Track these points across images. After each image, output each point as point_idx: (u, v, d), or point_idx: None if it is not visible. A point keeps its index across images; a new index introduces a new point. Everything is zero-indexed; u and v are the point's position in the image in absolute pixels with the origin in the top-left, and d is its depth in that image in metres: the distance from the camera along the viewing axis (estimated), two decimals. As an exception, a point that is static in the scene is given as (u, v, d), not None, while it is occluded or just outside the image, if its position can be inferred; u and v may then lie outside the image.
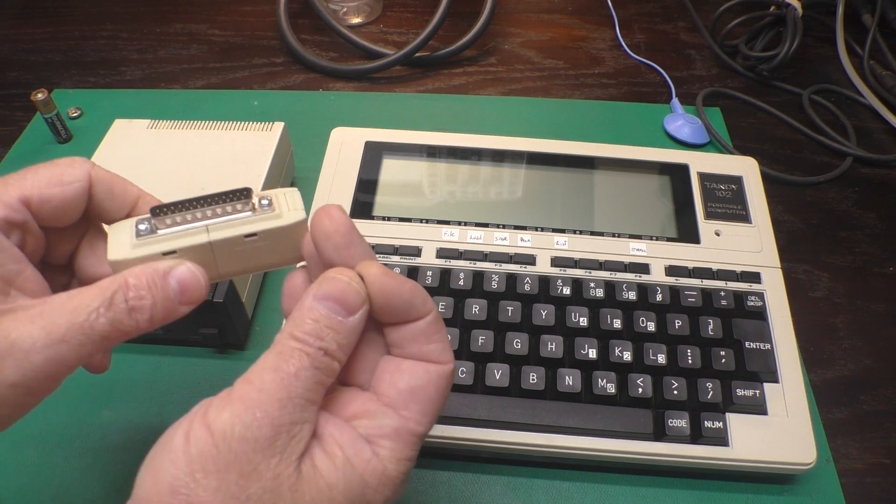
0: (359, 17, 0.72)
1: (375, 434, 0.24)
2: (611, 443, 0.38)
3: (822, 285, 0.50)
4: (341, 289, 0.24)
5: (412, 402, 0.25)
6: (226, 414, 0.22)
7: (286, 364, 0.23)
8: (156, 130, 0.50)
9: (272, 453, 0.21)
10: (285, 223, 0.26)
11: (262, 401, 0.22)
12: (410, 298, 0.25)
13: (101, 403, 0.42)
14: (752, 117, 0.62)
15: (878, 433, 0.42)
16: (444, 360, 0.25)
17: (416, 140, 0.50)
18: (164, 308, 0.25)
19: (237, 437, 0.21)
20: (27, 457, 0.40)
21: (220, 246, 0.26)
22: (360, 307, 0.24)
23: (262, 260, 0.27)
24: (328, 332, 0.24)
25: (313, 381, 0.23)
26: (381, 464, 0.23)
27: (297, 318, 0.24)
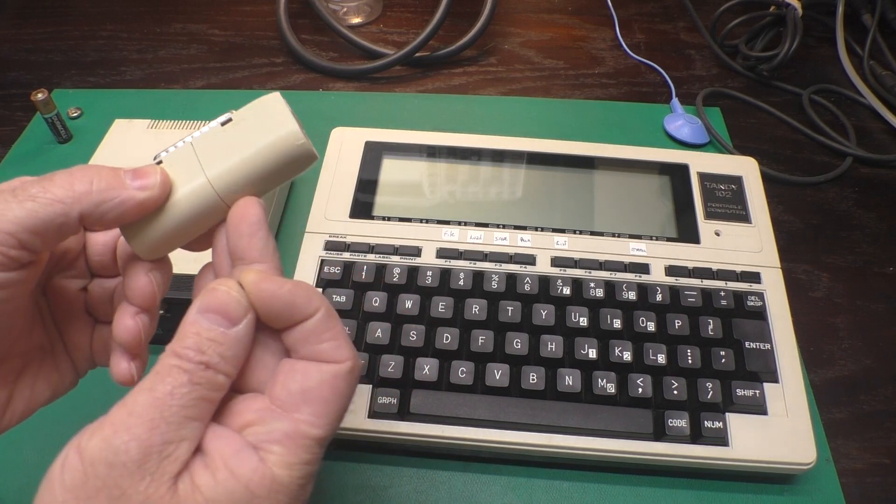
0: (359, 17, 0.72)
1: (265, 440, 0.23)
2: (611, 443, 0.38)
3: (822, 285, 0.50)
4: (222, 300, 0.24)
5: (304, 404, 0.23)
6: (95, 439, 0.21)
7: (161, 383, 0.22)
8: (156, 130, 0.50)
9: (141, 476, 0.21)
10: (258, 99, 0.26)
11: (130, 423, 0.21)
12: (291, 300, 0.24)
13: (101, 403, 0.42)
14: (752, 117, 0.62)
15: (878, 433, 0.42)
16: (339, 358, 0.24)
17: (416, 140, 0.50)
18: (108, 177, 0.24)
19: (104, 463, 0.21)
20: (27, 457, 0.40)
21: (200, 143, 0.26)
22: (243, 316, 0.24)
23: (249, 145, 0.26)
24: (210, 345, 0.23)
25: (192, 398, 0.22)
26: (268, 470, 0.22)
27: (179, 333, 0.23)
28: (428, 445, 0.39)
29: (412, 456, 0.40)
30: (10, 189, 0.24)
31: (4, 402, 0.28)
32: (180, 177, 0.26)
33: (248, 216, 0.25)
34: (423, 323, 0.41)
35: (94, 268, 0.30)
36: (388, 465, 0.40)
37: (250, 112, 0.26)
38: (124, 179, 0.25)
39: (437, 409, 0.38)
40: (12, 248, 0.23)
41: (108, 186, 0.24)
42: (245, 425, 0.24)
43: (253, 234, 0.25)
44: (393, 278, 0.42)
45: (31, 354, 0.29)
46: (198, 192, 0.26)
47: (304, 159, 0.26)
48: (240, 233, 0.25)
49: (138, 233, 0.26)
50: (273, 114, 0.26)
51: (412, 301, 0.41)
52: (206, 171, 0.26)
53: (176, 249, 0.28)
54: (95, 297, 0.30)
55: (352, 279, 0.42)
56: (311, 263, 0.43)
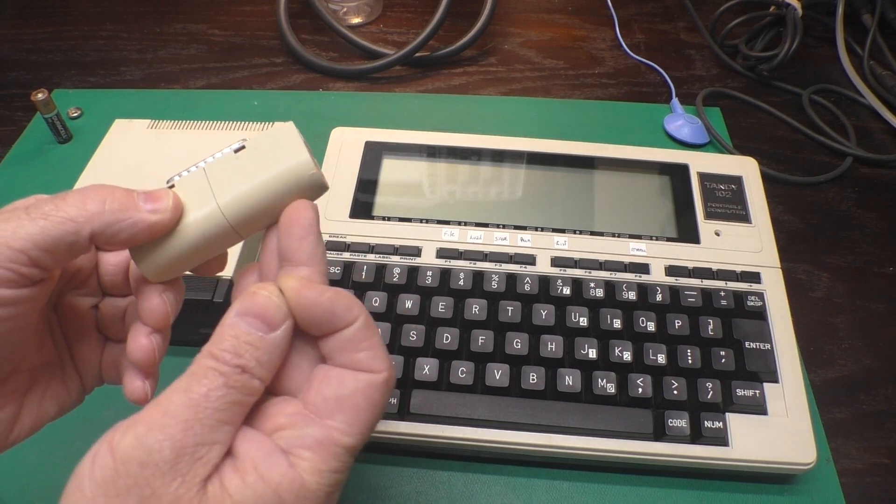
0: (359, 17, 0.72)
1: (296, 445, 0.23)
2: (611, 443, 0.38)
3: (822, 285, 0.50)
4: (262, 304, 0.24)
5: (338, 412, 0.23)
6: (129, 437, 0.21)
7: (197, 384, 0.22)
8: (156, 130, 0.50)
9: (173, 477, 0.21)
10: (272, 128, 0.26)
11: (165, 423, 0.21)
12: (331, 308, 0.24)
13: (101, 404, 0.42)
14: (752, 117, 0.62)
15: (878, 433, 0.42)
16: (375, 368, 0.24)
17: (416, 140, 0.50)
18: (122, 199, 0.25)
19: (137, 462, 0.21)
20: (27, 457, 0.40)
21: (213, 169, 0.26)
22: (282, 322, 0.24)
23: (261, 174, 0.26)
24: (247, 349, 0.23)
25: (227, 402, 0.22)
26: (298, 475, 0.22)
27: (217, 335, 0.23)
28: (428, 445, 0.39)
29: (412, 456, 0.40)
30: (24, 207, 0.24)
31: (13, 417, 0.28)
32: (192, 202, 0.26)
33: (301, 219, 0.26)
34: (423, 323, 0.41)
35: (105, 287, 0.30)
36: (388, 465, 0.40)
37: (263, 140, 0.26)
38: (137, 201, 0.25)
39: (437, 409, 0.38)
40: (24, 265, 0.23)
41: (120, 207, 0.24)
42: (277, 429, 0.24)
43: (304, 238, 0.25)
44: (393, 278, 0.42)
45: (39, 370, 0.29)
46: (208, 217, 0.26)
47: (315, 189, 0.27)
48: (291, 234, 0.25)
49: (147, 255, 0.26)
50: (286, 143, 0.26)
51: (412, 301, 0.41)
52: (218, 198, 0.26)
53: (183, 272, 0.28)
54: (107, 315, 0.31)
55: (352, 279, 0.42)
56: (311, 263, 0.43)
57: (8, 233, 0.23)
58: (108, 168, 0.47)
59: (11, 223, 0.23)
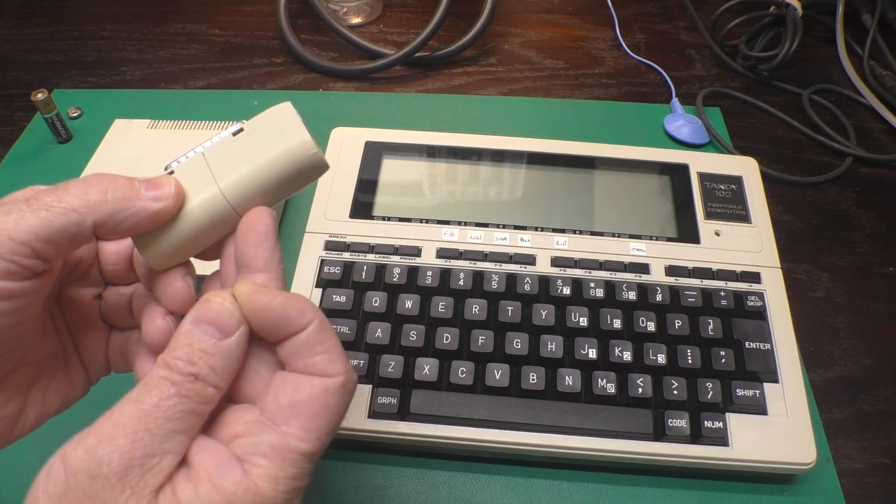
0: (359, 17, 0.72)
1: (251, 452, 0.23)
2: (611, 443, 0.38)
3: (822, 285, 0.50)
4: (215, 310, 0.24)
5: (293, 418, 0.23)
6: (80, 449, 0.21)
7: (147, 395, 0.22)
8: (156, 130, 0.50)
9: (122, 489, 0.21)
10: (269, 110, 0.26)
11: (114, 435, 0.21)
12: (283, 312, 0.24)
13: (101, 404, 0.42)
14: (752, 117, 0.62)
15: (878, 433, 0.42)
16: (330, 372, 0.24)
17: (416, 140, 0.50)
18: (123, 188, 0.24)
19: (86, 474, 0.21)
20: (27, 456, 0.40)
21: (212, 153, 0.26)
22: (236, 328, 0.24)
23: (261, 155, 0.26)
24: (201, 356, 0.23)
25: (179, 411, 0.22)
26: (252, 483, 0.22)
27: (172, 344, 0.23)
28: (428, 445, 0.39)
29: (412, 456, 0.40)
30: (24, 198, 0.24)
31: (17, 411, 0.28)
32: (192, 187, 0.26)
33: (257, 225, 0.25)
34: (423, 323, 0.41)
35: (108, 276, 0.30)
36: (388, 465, 0.40)
37: (262, 122, 0.26)
38: (139, 190, 0.25)
39: (437, 409, 0.38)
40: (26, 257, 0.23)
41: (122, 196, 0.24)
42: (233, 437, 0.23)
43: (260, 244, 0.25)
44: (393, 278, 0.42)
45: (43, 363, 0.29)
46: (210, 202, 0.26)
47: (316, 169, 0.27)
48: (247, 241, 0.25)
49: (151, 243, 0.26)
50: (285, 124, 0.26)
51: (412, 301, 0.41)
52: (219, 182, 0.26)
53: (187, 259, 0.28)
54: (112, 304, 0.30)
55: (352, 279, 0.42)
56: (312, 263, 0.43)
57: (10, 224, 0.23)
58: (108, 168, 0.47)
59: (13, 215, 0.23)
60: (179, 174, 0.26)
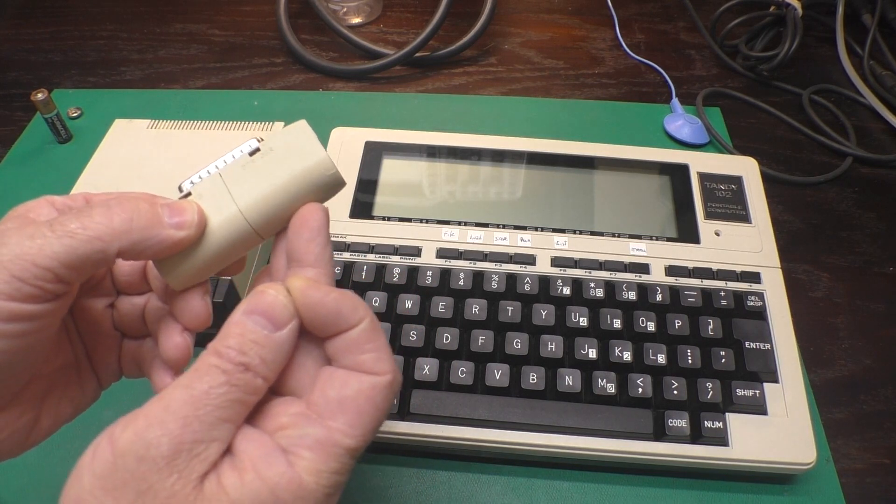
0: (359, 17, 0.72)
1: (296, 444, 0.23)
2: (611, 443, 0.38)
3: (822, 285, 0.50)
4: (269, 302, 0.24)
5: (340, 413, 0.23)
6: (128, 431, 0.21)
7: (199, 381, 0.22)
8: (156, 130, 0.50)
9: (170, 472, 0.21)
10: (285, 129, 0.26)
11: (164, 419, 0.21)
12: (336, 309, 0.24)
13: (102, 403, 0.42)
14: (752, 117, 0.62)
15: (878, 433, 0.42)
16: (378, 370, 0.24)
17: (416, 140, 0.50)
18: (147, 215, 0.24)
19: (134, 456, 0.21)
20: (27, 457, 0.39)
21: (229, 175, 0.26)
22: (288, 321, 0.24)
23: (280, 175, 0.26)
24: (252, 347, 0.23)
25: (228, 399, 0.22)
26: (296, 475, 0.22)
27: (223, 333, 0.24)
28: (428, 445, 0.39)
29: (412, 456, 0.40)
30: (47, 223, 0.24)
31: (31, 422, 0.28)
32: (212, 208, 0.26)
33: (310, 221, 0.26)
34: (423, 323, 0.41)
35: (121, 286, 0.31)
36: (388, 465, 0.40)
37: (278, 141, 0.26)
38: (162, 217, 0.25)
39: (437, 409, 0.38)
40: (49, 282, 0.23)
41: (147, 225, 0.24)
42: (278, 428, 0.24)
43: (312, 240, 0.26)
44: (393, 278, 0.42)
45: (57, 374, 0.29)
46: (231, 223, 0.26)
47: (335, 187, 0.27)
48: (299, 236, 0.26)
49: (172, 266, 0.26)
50: (302, 143, 0.26)
51: (412, 301, 0.41)
52: (238, 203, 0.26)
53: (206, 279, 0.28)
54: (124, 314, 0.31)
55: (352, 279, 0.42)
56: (311, 263, 0.43)
57: (34, 250, 0.23)
58: (108, 168, 0.47)
59: (37, 240, 0.23)
60: (197, 196, 0.26)
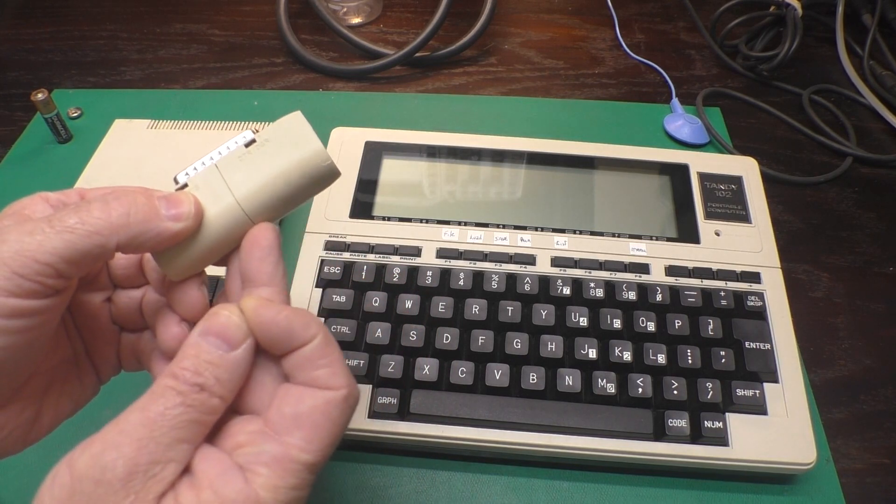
0: (359, 17, 0.72)
1: (253, 461, 0.23)
2: (611, 443, 0.38)
3: (822, 285, 0.50)
4: (222, 323, 0.24)
5: (296, 429, 0.24)
6: (85, 455, 0.22)
7: (154, 403, 0.23)
8: (156, 130, 0.50)
9: (126, 494, 0.21)
10: (280, 120, 0.26)
11: (119, 442, 0.22)
12: (287, 326, 0.24)
13: (102, 403, 0.42)
14: (752, 117, 0.62)
15: (878, 433, 0.42)
16: (333, 385, 0.25)
17: (416, 140, 0.50)
18: (144, 209, 0.25)
19: (91, 480, 0.21)
20: (27, 457, 0.40)
21: (226, 166, 0.26)
22: (243, 341, 0.25)
23: (276, 165, 0.26)
24: (208, 367, 0.24)
25: (184, 420, 0.23)
26: (253, 492, 0.22)
27: (179, 355, 0.24)
28: (428, 445, 0.39)
29: (412, 456, 0.40)
30: (45, 218, 0.24)
31: (32, 418, 0.28)
32: (209, 199, 0.26)
33: (260, 241, 0.26)
34: (423, 323, 0.41)
35: (118, 280, 0.31)
36: (388, 465, 0.40)
37: (274, 132, 0.27)
38: (159, 209, 0.25)
39: (437, 409, 0.38)
40: (49, 277, 0.23)
41: (144, 218, 0.25)
42: (236, 446, 0.24)
43: (263, 259, 0.26)
44: (393, 278, 0.42)
45: (56, 370, 0.29)
46: (228, 213, 0.26)
47: (330, 177, 0.27)
48: (251, 256, 0.26)
49: (170, 257, 0.26)
50: (297, 134, 0.27)
51: (412, 301, 0.41)
52: (235, 193, 0.26)
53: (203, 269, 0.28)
54: (122, 308, 0.31)
55: (352, 279, 0.42)
56: (312, 263, 0.43)
57: (34, 246, 0.23)
58: (108, 168, 0.47)
59: (36, 236, 0.23)
60: (193, 187, 0.26)
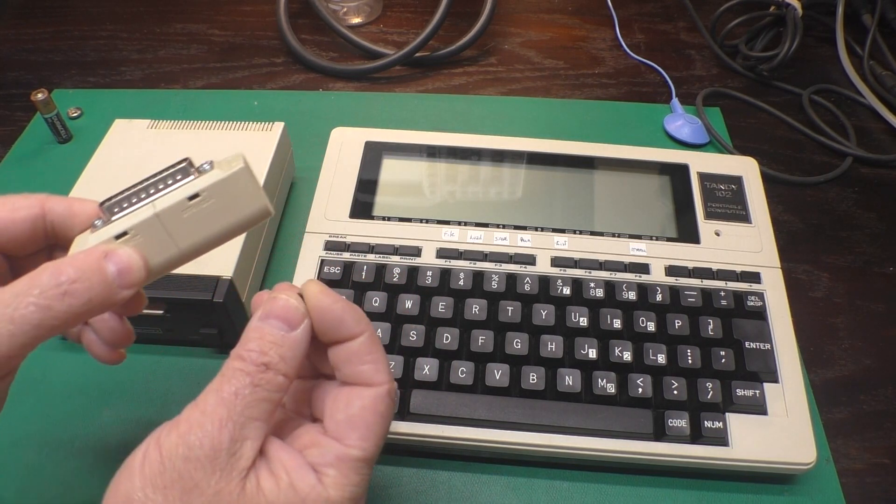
0: (359, 17, 0.72)
1: (320, 462, 0.25)
2: (611, 443, 0.38)
3: (822, 285, 0.50)
4: (281, 306, 0.26)
5: (351, 431, 0.26)
6: (172, 435, 0.23)
7: (227, 385, 0.24)
8: (156, 130, 0.50)
9: (213, 470, 0.23)
10: (223, 176, 0.26)
11: (202, 422, 0.24)
12: (341, 315, 0.27)
13: (101, 403, 0.42)
14: (752, 117, 0.62)
15: (878, 433, 0.42)
16: (377, 381, 0.27)
17: (416, 140, 0.50)
18: (101, 292, 0.25)
19: (180, 457, 0.23)
20: (27, 457, 0.40)
21: (168, 216, 0.26)
22: (301, 321, 0.27)
23: (223, 221, 0.27)
24: (272, 347, 0.25)
25: (255, 399, 0.24)
26: (324, 490, 0.25)
27: (243, 339, 0.26)
28: (428, 445, 0.39)
29: (412, 456, 0.40)
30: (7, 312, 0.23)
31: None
32: (152, 249, 0.27)
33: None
34: (423, 323, 0.41)
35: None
36: (388, 465, 0.40)
37: (218, 188, 0.26)
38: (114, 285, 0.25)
39: (437, 409, 0.38)
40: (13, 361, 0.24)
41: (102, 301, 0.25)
42: (302, 447, 0.26)
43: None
44: (393, 278, 0.42)
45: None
46: (171, 261, 0.27)
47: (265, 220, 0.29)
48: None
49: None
50: (243, 190, 0.27)
51: (412, 301, 0.41)
52: (180, 245, 0.27)
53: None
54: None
55: (352, 279, 0.42)
56: (311, 263, 0.43)
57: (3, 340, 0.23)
58: (108, 168, 0.47)
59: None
60: (133, 235, 0.26)
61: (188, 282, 0.40)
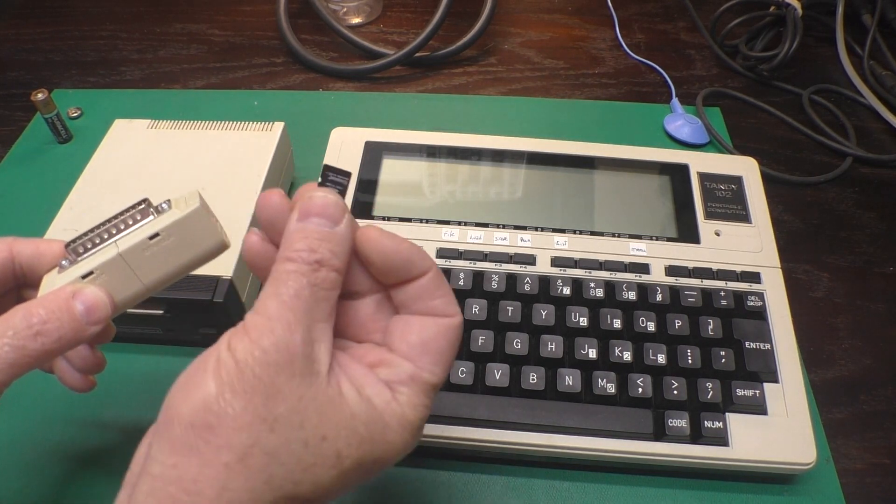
0: (359, 17, 0.72)
1: (393, 380, 0.25)
2: (611, 443, 0.38)
3: (822, 285, 0.50)
4: (321, 203, 0.25)
5: (424, 354, 0.26)
6: (244, 341, 0.23)
7: (284, 287, 0.24)
8: (156, 130, 0.50)
9: (292, 374, 0.23)
10: (181, 215, 0.28)
11: (271, 327, 0.23)
12: (409, 256, 0.26)
13: (102, 403, 0.42)
14: (752, 117, 0.62)
15: (878, 433, 0.42)
16: (450, 312, 0.27)
17: (416, 140, 0.50)
18: (71, 329, 0.26)
19: (259, 363, 0.22)
20: (27, 457, 0.40)
21: (131, 255, 0.28)
22: (343, 216, 0.26)
23: (183, 257, 0.28)
24: (320, 244, 0.25)
25: (315, 299, 0.24)
26: (399, 408, 0.25)
27: (286, 242, 0.25)
28: (428, 445, 0.39)
29: (412, 456, 0.40)
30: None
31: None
32: (117, 286, 0.28)
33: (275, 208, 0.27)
34: (423, 323, 0.41)
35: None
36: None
37: (176, 228, 0.28)
38: (83, 324, 0.27)
39: (437, 409, 0.38)
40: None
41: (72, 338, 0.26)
42: (370, 366, 0.26)
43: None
44: (393, 278, 0.42)
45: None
46: (135, 296, 0.29)
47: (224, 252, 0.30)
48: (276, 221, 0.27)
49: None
50: (201, 228, 0.28)
51: (412, 301, 0.41)
52: (144, 281, 0.28)
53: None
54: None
55: (352, 279, 0.42)
56: (311, 263, 0.43)
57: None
58: (108, 168, 0.47)
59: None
60: (99, 274, 0.28)
61: (188, 282, 0.40)
